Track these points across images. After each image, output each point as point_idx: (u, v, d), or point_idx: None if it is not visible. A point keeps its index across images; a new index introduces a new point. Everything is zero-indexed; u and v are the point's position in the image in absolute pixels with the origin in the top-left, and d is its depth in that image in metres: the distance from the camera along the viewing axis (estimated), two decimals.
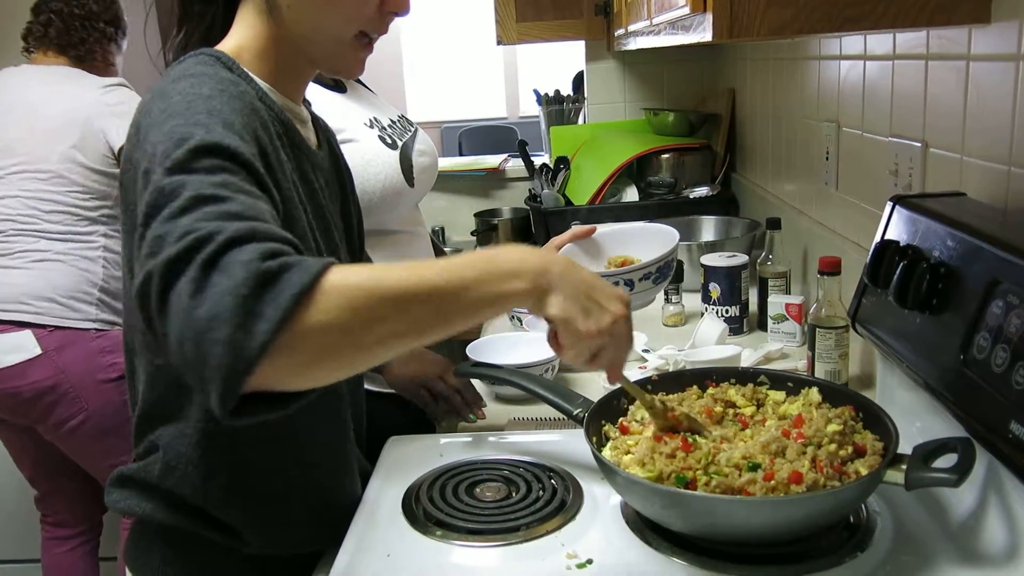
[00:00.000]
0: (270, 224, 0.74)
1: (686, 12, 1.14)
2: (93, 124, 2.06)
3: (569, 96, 2.96)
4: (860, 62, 1.49)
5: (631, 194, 2.48)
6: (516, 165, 2.98)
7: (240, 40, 0.97)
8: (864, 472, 0.91)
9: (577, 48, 2.87)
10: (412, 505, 1.05)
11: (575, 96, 2.96)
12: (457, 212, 3.00)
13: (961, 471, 0.85)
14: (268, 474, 0.99)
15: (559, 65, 4.03)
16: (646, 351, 1.57)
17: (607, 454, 1.01)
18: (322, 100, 1.44)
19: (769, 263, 1.69)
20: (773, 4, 1.03)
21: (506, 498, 1.06)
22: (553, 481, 1.08)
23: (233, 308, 0.65)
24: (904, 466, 0.89)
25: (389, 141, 1.51)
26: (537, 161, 2.72)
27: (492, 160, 3.12)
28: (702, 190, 2.43)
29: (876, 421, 0.99)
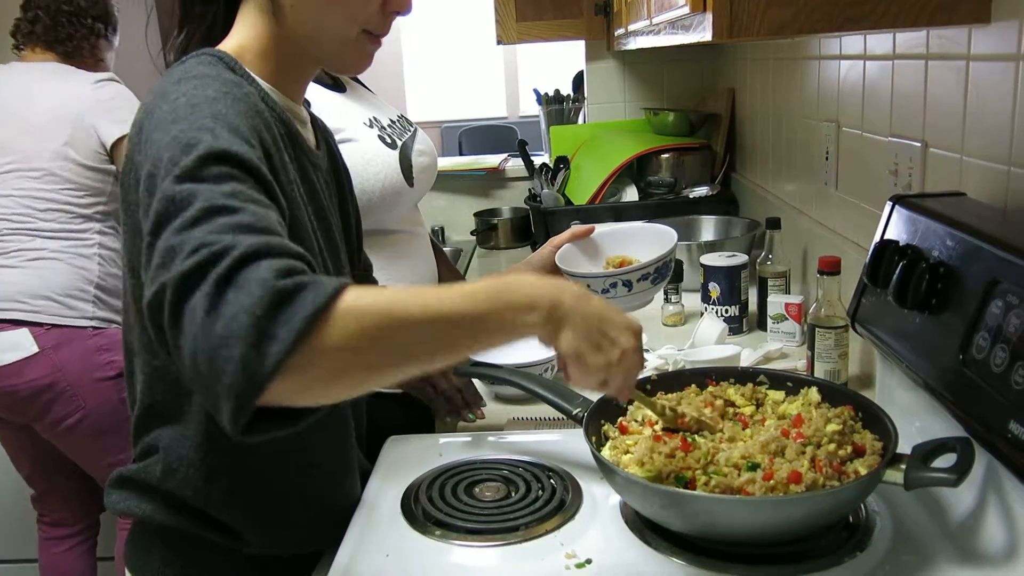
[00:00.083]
0: (282, 237, 0.75)
1: (686, 12, 1.14)
2: (84, 120, 2.05)
3: (569, 96, 2.96)
4: (860, 62, 1.49)
5: (631, 194, 2.48)
6: (516, 165, 2.98)
7: (242, 40, 0.96)
8: (863, 472, 0.91)
9: (577, 48, 2.87)
10: (411, 505, 1.05)
11: (575, 96, 2.96)
12: (457, 212, 3.00)
13: (960, 471, 0.85)
14: (269, 475, 0.99)
15: (559, 65, 4.03)
16: (645, 351, 1.57)
17: (606, 454, 1.01)
18: (322, 100, 1.44)
19: (769, 263, 1.69)
20: (773, 4, 1.03)
21: (505, 498, 1.06)
22: (552, 481, 1.08)
23: (247, 327, 0.66)
24: (903, 466, 0.89)
25: (389, 141, 1.51)
26: (537, 161, 2.72)
27: (492, 160, 3.12)
28: (702, 190, 2.43)
29: (875, 421, 0.99)
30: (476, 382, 1.45)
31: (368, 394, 1.22)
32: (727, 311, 1.72)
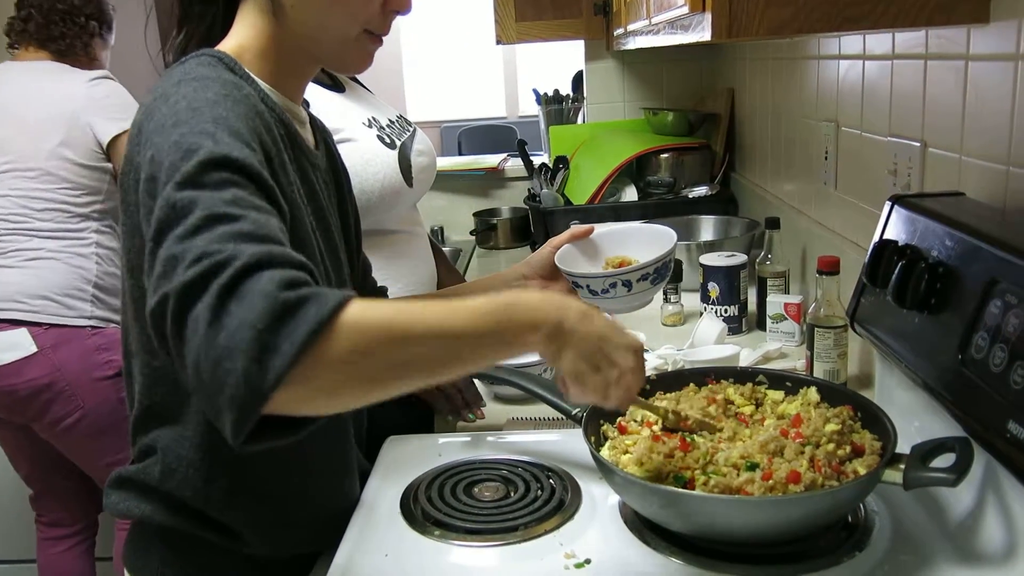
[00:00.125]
0: (284, 246, 0.75)
1: (685, 12, 1.14)
2: (80, 119, 2.05)
3: (568, 96, 2.96)
4: (859, 62, 1.49)
5: (630, 194, 2.48)
6: (515, 165, 2.98)
7: (241, 40, 0.96)
8: (862, 472, 0.91)
9: (576, 47, 2.87)
10: (410, 505, 1.06)
11: (574, 96, 2.96)
12: (456, 212, 3.00)
13: (959, 471, 0.85)
14: (268, 476, 0.99)
15: (558, 64, 4.03)
16: (645, 351, 1.57)
17: (605, 454, 1.02)
18: (321, 100, 1.43)
19: (768, 263, 1.69)
20: (772, 4, 1.03)
21: (504, 498, 1.06)
22: (551, 481, 1.08)
23: (249, 341, 0.66)
24: (902, 466, 0.89)
25: (388, 141, 1.51)
26: (536, 161, 2.72)
27: (491, 160, 3.12)
28: (701, 190, 2.43)
29: (874, 421, 0.99)
30: (476, 382, 1.45)
31: None
32: (726, 311, 1.72)
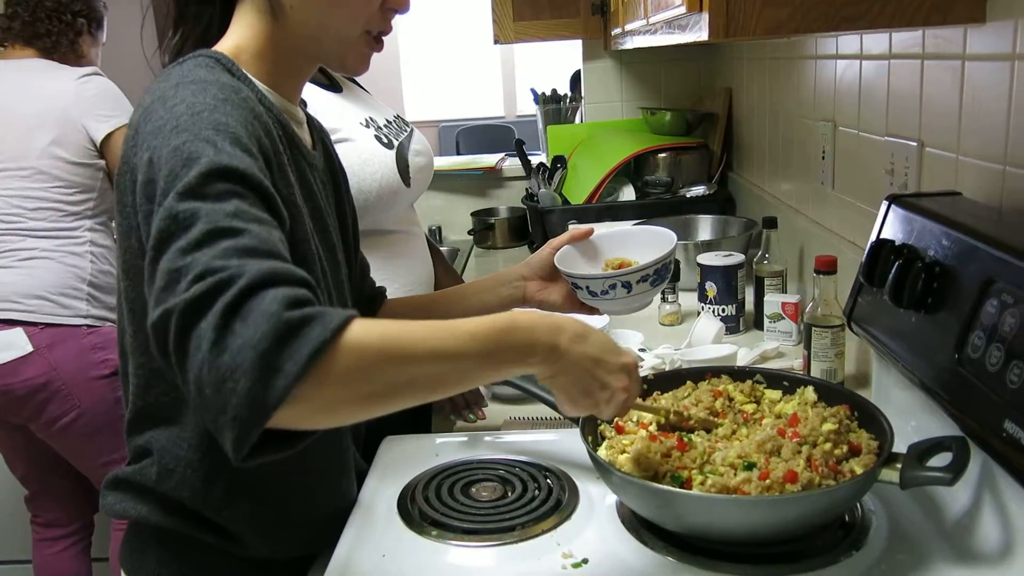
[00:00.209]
0: (286, 259, 0.76)
1: (682, 11, 1.14)
2: (72, 117, 2.04)
3: (566, 95, 2.96)
4: (856, 61, 1.49)
5: (628, 193, 2.48)
6: (513, 164, 2.98)
7: (239, 40, 0.96)
8: (859, 471, 0.91)
9: (574, 47, 2.86)
10: (408, 505, 1.05)
11: (572, 95, 2.96)
12: (454, 211, 3.00)
13: (956, 470, 0.85)
14: (267, 476, 0.99)
15: (556, 64, 4.03)
16: (642, 350, 1.57)
17: (603, 453, 1.02)
18: (318, 100, 1.43)
19: (765, 262, 1.69)
20: (769, 3, 1.03)
21: (502, 498, 1.06)
22: (549, 480, 1.08)
23: (253, 361, 0.67)
24: (899, 465, 0.89)
25: (385, 141, 1.51)
26: (534, 160, 2.72)
27: (489, 159, 3.12)
28: (699, 189, 2.43)
29: (871, 420, 0.99)
30: None
31: None
32: (724, 310, 1.72)
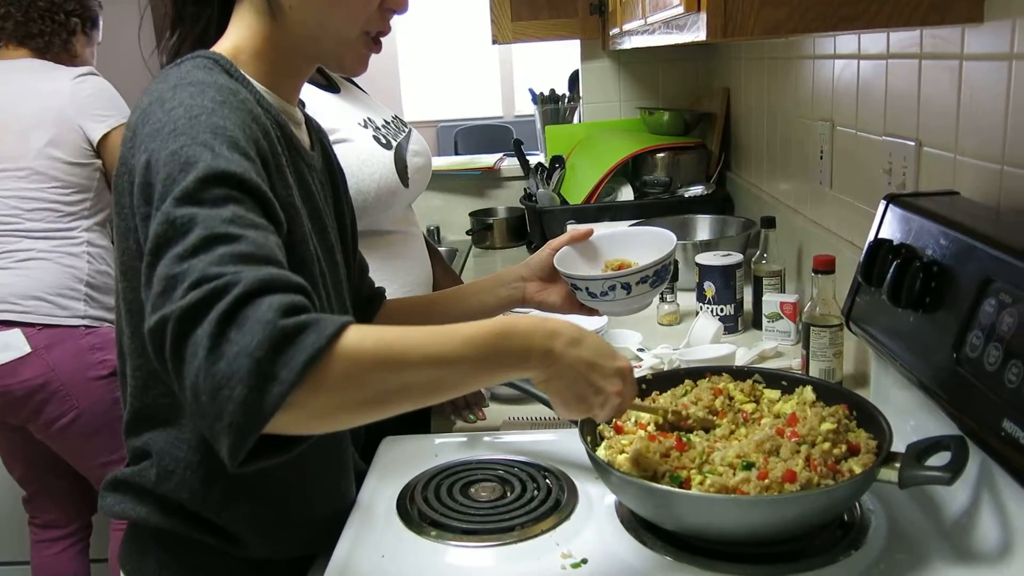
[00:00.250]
0: (283, 266, 0.76)
1: (680, 11, 1.14)
2: (68, 117, 2.04)
3: (564, 95, 2.96)
4: (854, 61, 1.49)
5: (626, 193, 2.48)
6: (511, 164, 2.98)
7: (237, 41, 0.96)
8: (858, 471, 0.91)
9: (572, 47, 2.86)
10: (407, 505, 1.06)
11: (570, 95, 2.96)
12: (452, 211, 3.00)
13: (954, 469, 0.85)
14: (266, 478, 0.99)
15: (554, 64, 4.04)
16: (641, 350, 1.57)
17: (601, 453, 1.02)
18: (316, 100, 1.43)
19: (764, 262, 1.69)
20: (767, 3, 1.03)
21: (501, 498, 1.06)
22: (548, 481, 1.08)
23: (248, 369, 0.68)
24: (898, 464, 0.89)
25: (384, 141, 1.51)
26: (532, 160, 2.72)
27: (487, 159, 3.12)
28: (697, 189, 2.43)
29: (870, 419, 0.99)
30: None
31: None
32: (722, 310, 1.72)
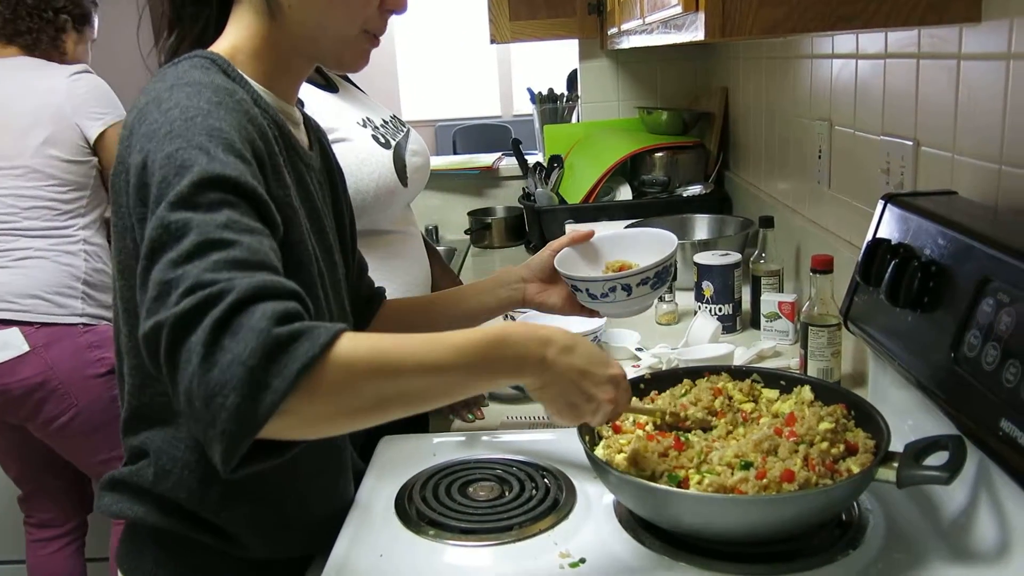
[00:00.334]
0: (278, 271, 0.77)
1: (678, 11, 1.14)
2: (65, 115, 2.04)
3: (563, 95, 2.96)
4: (852, 61, 1.49)
5: (625, 192, 2.48)
6: (510, 164, 2.98)
7: (235, 41, 0.96)
8: (856, 470, 0.91)
9: (571, 46, 2.86)
10: (405, 505, 1.06)
11: (569, 94, 2.96)
12: (451, 211, 3.00)
13: (952, 469, 0.85)
14: (263, 478, 0.98)
15: (553, 63, 4.03)
16: (639, 350, 1.57)
17: (600, 453, 1.02)
18: (315, 100, 1.43)
19: (762, 261, 1.69)
20: (765, 3, 1.03)
21: (499, 497, 1.06)
22: (546, 480, 1.08)
23: (242, 377, 0.68)
24: (896, 464, 0.89)
25: (383, 140, 1.51)
26: (531, 160, 2.72)
27: (486, 159, 3.12)
28: (695, 188, 2.43)
29: (868, 419, 1.00)
30: None
31: None
32: (721, 310, 1.72)
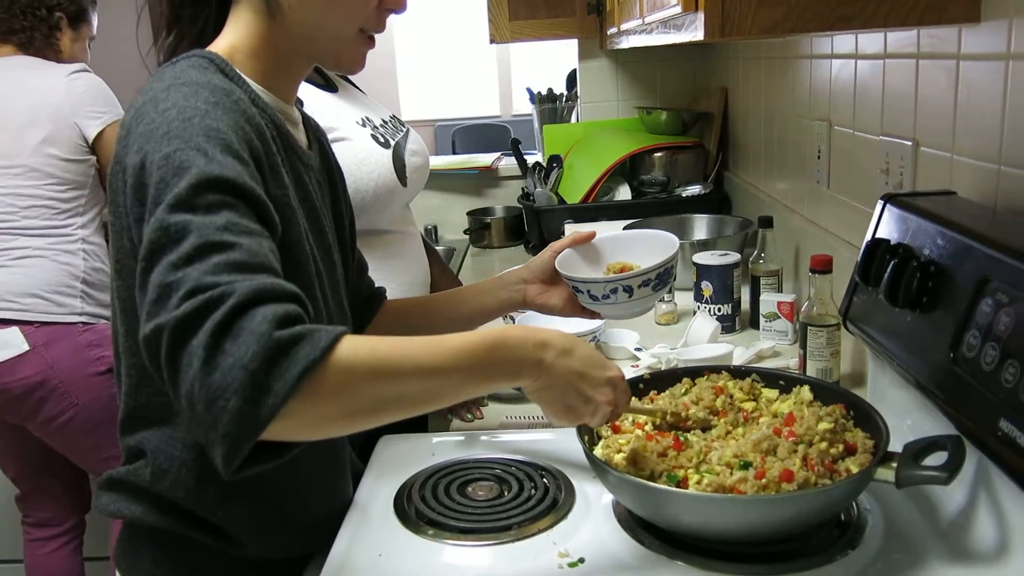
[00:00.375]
0: (277, 273, 0.77)
1: (678, 11, 1.14)
2: (63, 114, 2.04)
3: (562, 94, 2.96)
4: (851, 61, 1.49)
5: (624, 192, 2.48)
6: (509, 163, 2.98)
7: (234, 40, 0.96)
8: (855, 470, 0.91)
9: (570, 46, 2.87)
10: (404, 504, 1.05)
11: (568, 94, 2.96)
12: (450, 210, 3.00)
13: (951, 469, 0.85)
14: (261, 478, 0.98)
15: (552, 63, 4.03)
16: (638, 349, 1.57)
17: (599, 453, 1.02)
18: (314, 99, 1.43)
19: (761, 261, 1.70)
20: (764, 3, 1.03)
21: (498, 497, 1.06)
22: (545, 480, 1.08)
23: (243, 381, 0.69)
24: (895, 464, 0.89)
25: (382, 140, 1.51)
26: (530, 159, 2.72)
27: (485, 158, 3.12)
28: (694, 188, 2.43)
29: (867, 419, 1.00)
30: None
31: None
32: (720, 310, 1.72)
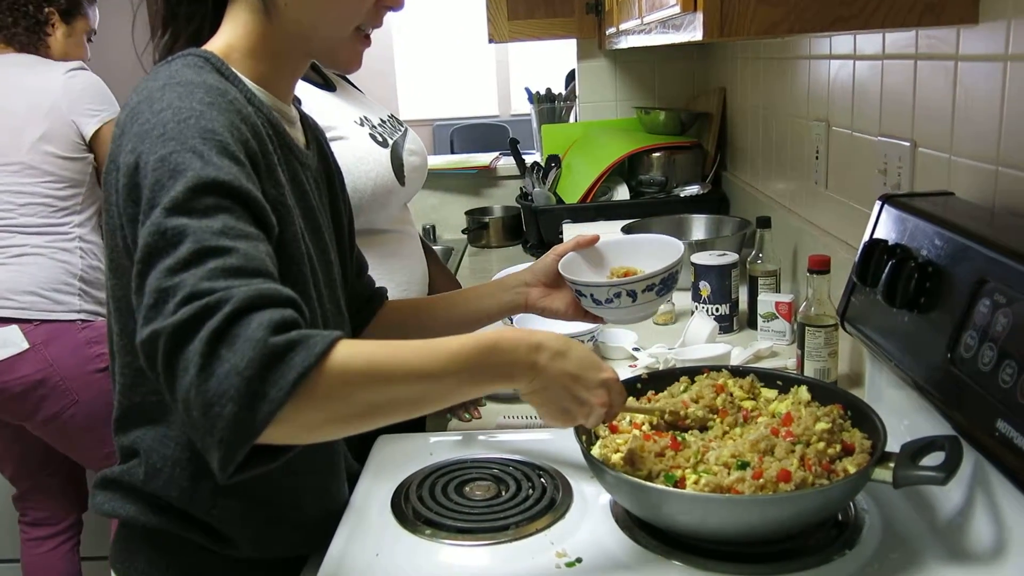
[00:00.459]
0: (274, 278, 0.78)
1: (677, 11, 1.14)
2: (61, 112, 2.04)
3: (560, 94, 2.96)
4: (850, 61, 1.50)
5: (622, 192, 2.48)
6: (507, 163, 2.98)
7: (230, 39, 0.96)
8: (852, 470, 0.91)
9: (569, 46, 2.87)
10: (401, 504, 1.05)
11: (567, 94, 2.96)
12: (448, 210, 3.00)
13: (948, 469, 0.85)
14: (256, 477, 0.99)
15: (551, 63, 4.03)
16: (636, 349, 1.57)
17: (596, 452, 1.02)
18: (313, 98, 1.43)
19: (759, 262, 1.70)
20: (763, 3, 1.03)
21: (495, 497, 1.06)
22: (543, 480, 1.08)
23: (239, 387, 0.69)
24: (892, 464, 0.89)
25: (380, 139, 1.51)
26: (528, 159, 2.72)
27: (483, 158, 3.12)
28: (693, 189, 2.43)
29: (864, 419, 1.00)
30: None
31: None
32: (717, 310, 1.72)
